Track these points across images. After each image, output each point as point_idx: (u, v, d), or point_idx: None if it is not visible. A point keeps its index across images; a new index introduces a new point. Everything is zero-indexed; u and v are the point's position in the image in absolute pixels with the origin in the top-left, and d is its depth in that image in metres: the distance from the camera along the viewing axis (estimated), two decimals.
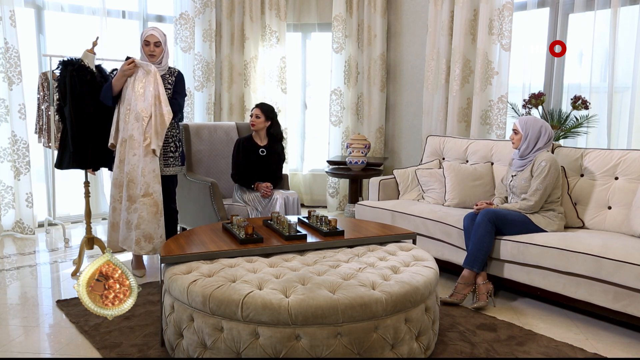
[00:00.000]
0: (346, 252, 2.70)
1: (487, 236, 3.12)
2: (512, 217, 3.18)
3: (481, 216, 3.16)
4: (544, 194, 3.17)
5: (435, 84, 5.15)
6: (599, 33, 4.21)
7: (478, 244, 3.11)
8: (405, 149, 5.79)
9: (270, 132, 4.12)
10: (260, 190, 3.93)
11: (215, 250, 2.56)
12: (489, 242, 3.13)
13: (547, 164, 3.16)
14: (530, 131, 3.26)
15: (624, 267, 2.64)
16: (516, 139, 3.32)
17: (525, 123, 3.29)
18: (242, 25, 5.88)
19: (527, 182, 3.24)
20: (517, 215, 3.19)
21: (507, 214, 3.18)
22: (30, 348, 2.55)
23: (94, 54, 3.54)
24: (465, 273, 3.14)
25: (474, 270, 3.11)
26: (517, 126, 3.32)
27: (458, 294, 3.14)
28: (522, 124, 3.29)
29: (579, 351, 2.57)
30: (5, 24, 4.46)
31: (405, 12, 5.64)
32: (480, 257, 3.11)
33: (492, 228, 3.12)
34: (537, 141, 3.25)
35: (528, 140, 3.26)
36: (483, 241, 3.11)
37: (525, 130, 3.27)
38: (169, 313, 2.36)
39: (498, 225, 3.15)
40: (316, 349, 2.07)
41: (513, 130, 3.35)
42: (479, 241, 3.12)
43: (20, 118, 4.61)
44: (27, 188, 4.71)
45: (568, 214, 3.36)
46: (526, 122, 3.29)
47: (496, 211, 3.18)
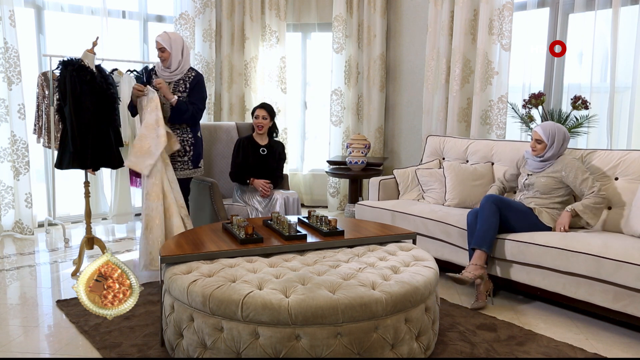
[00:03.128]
0: (346, 252, 2.69)
1: (492, 217, 3.12)
2: (516, 205, 3.22)
3: (485, 199, 3.20)
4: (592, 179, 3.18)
5: (435, 84, 5.15)
6: (599, 33, 4.21)
7: (485, 224, 3.11)
8: (405, 149, 5.79)
9: (270, 130, 4.13)
10: (257, 187, 3.92)
11: (215, 250, 2.56)
12: (495, 222, 3.13)
13: (580, 165, 3.22)
14: (556, 139, 3.25)
15: (624, 267, 2.64)
16: (539, 148, 3.30)
17: (549, 132, 3.26)
18: (242, 25, 5.88)
19: (551, 181, 3.26)
20: (520, 204, 3.23)
21: (511, 201, 3.22)
22: (30, 348, 2.55)
23: (94, 54, 3.53)
24: (476, 254, 3.12)
25: (484, 250, 3.09)
26: (540, 136, 3.28)
27: (469, 273, 3.07)
28: (545, 134, 3.26)
29: (579, 351, 2.57)
30: (4, 24, 4.45)
31: (405, 12, 5.64)
32: (488, 236, 3.10)
33: (496, 210, 3.14)
34: (561, 146, 3.28)
35: (554, 148, 3.26)
36: (490, 221, 3.11)
37: (551, 139, 3.26)
38: (169, 313, 2.36)
39: (502, 211, 3.16)
40: (316, 349, 2.07)
41: (536, 140, 3.30)
42: (485, 221, 3.12)
43: (20, 118, 4.61)
44: (27, 188, 4.71)
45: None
46: (550, 131, 3.26)
47: (501, 197, 3.24)
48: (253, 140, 4.10)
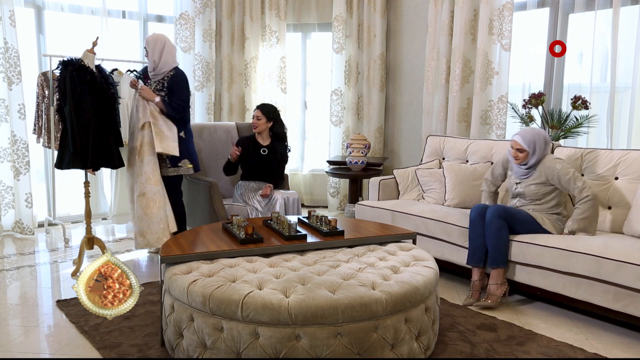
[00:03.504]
0: (346, 252, 2.69)
1: (501, 231, 3.09)
2: (521, 215, 3.17)
3: (491, 213, 3.14)
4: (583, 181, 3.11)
5: (435, 84, 5.15)
6: (599, 33, 4.21)
7: (497, 241, 3.08)
8: (405, 149, 5.79)
9: (273, 131, 4.13)
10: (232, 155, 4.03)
11: (215, 250, 2.56)
12: (505, 236, 3.10)
13: (561, 167, 3.13)
14: (537, 146, 3.18)
15: (624, 267, 2.64)
16: (521, 157, 3.22)
17: (528, 140, 3.18)
18: (242, 25, 5.88)
19: (540, 187, 3.20)
20: (524, 214, 3.18)
21: (516, 212, 3.18)
22: (30, 348, 2.55)
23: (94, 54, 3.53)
24: (493, 273, 3.11)
25: (501, 267, 3.10)
26: (521, 145, 3.19)
27: (492, 295, 3.09)
28: (526, 142, 3.18)
29: (579, 351, 2.57)
30: (4, 24, 4.45)
31: (405, 12, 5.64)
32: (503, 253, 3.09)
33: (504, 224, 3.10)
34: (543, 150, 3.22)
35: (537, 154, 3.20)
36: (499, 236, 3.09)
37: (532, 146, 3.18)
38: (169, 313, 2.36)
39: (508, 222, 3.12)
40: (316, 349, 2.07)
41: (517, 149, 3.22)
42: (497, 238, 3.08)
43: (20, 118, 4.61)
44: (27, 188, 4.70)
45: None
46: (529, 139, 3.19)
47: (505, 207, 3.18)
48: (254, 139, 4.11)
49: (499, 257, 3.09)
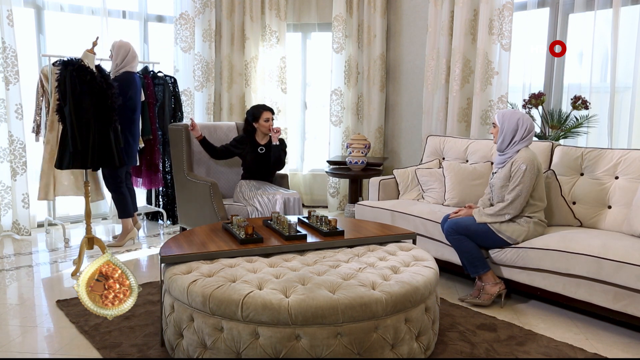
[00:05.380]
0: (346, 252, 2.69)
1: (462, 242, 3.11)
2: (475, 228, 3.09)
3: (446, 230, 3.18)
4: (521, 199, 2.99)
5: (435, 84, 5.15)
6: (599, 33, 4.21)
7: (465, 254, 3.12)
8: (405, 149, 5.79)
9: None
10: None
11: (215, 250, 2.56)
12: (469, 245, 3.10)
13: (525, 167, 2.97)
14: (506, 124, 3.06)
15: (624, 267, 2.64)
16: (493, 132, 3.17)
17: (502, 116, 3.10)
18: (242, 25, 5.88)
19: (504, 181, 3.08)
20: (475, 225, 3.09)
21: (469, 225, 3.10)
22: (29, 348, 2.55)
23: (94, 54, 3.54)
24: (482, 277, 3.14)
25: (483, 273, 3.11)
26: (495, 119, 3.17)
27: (486, 294, 3.11)
28: (499, 117, 3.12)
29: (579, 351, 2.57)
30: (2, 24, 4.44)
31: (405, 12, 5.64)
32: (477, 260, 3.10)
33: (460, 237, 3.11)
34: (514, 134, 3.06)
35: (504, 134, 3.07)
36: (463, 248, 3.11)
37: (502, 123, 3.09)
38: (169, 313, 2.35)
39: (466, 234, 3.11)
40: (316, 349, 2.07)
41: (492, 124, 3.18)
42: (463, 251, 3.12)
43: (17, 118, 4.60)
44: (24, 189, 4.69)
45: (564, 216, 3.35)
46: (503, 115, 3.10)
47: (457, 222, 3.14)
48: (254, 138, 4.13)
49: (475, 265, 3.10)
